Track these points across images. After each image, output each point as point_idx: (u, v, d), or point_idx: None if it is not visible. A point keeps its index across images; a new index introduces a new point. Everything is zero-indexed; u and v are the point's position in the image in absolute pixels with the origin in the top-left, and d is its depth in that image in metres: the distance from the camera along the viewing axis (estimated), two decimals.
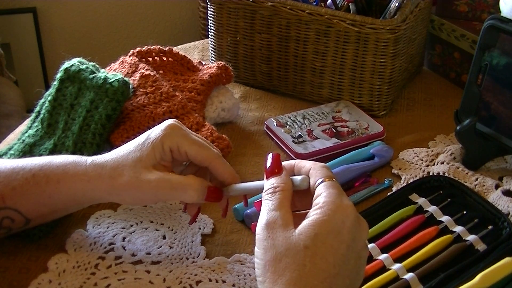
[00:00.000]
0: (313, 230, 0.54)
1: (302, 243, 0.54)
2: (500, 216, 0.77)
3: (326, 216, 0.55)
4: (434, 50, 1.14)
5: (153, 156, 0.68)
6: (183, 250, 0.74)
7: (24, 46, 2.30)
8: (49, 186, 0.69)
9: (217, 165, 0.69)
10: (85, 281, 0.70)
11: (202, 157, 0.69)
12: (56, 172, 0.69)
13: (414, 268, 0.72)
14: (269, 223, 0.56)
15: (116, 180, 0.68)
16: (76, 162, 0.70)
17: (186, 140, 0.68)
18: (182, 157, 0.69)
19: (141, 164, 0.67)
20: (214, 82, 0.97)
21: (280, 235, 0.55)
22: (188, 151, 0.68)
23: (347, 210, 0.56)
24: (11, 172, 0.69)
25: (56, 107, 0.87)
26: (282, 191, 0.59)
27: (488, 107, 0.88)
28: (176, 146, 0.68)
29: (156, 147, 0.68)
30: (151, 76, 0.93)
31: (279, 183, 0.59)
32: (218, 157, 0.69)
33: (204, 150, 0.69)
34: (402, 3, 0.99)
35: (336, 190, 0.57)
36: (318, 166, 0.60)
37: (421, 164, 0.91)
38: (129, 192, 0.68)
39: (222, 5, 1.06)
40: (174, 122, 0.70)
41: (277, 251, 0.54)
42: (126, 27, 2.43)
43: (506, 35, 0.83)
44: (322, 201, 0.56)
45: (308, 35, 1.01)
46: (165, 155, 0.68)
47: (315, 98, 1.06)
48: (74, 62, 0.89)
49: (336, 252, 0.54)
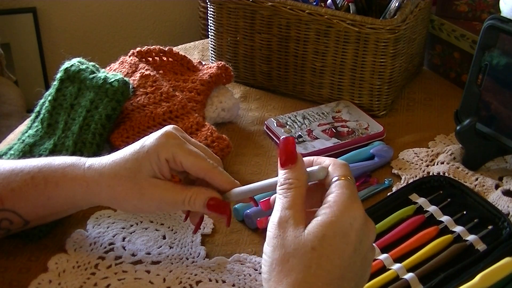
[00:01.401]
0: (321, 231, 0.54)
1: (310, 244, 0.53)
2: (500, 216, 0.77)
3: (335, 217, 0.54)
4: (434, 50, 1.14)
5: (150, 168, 0.67)
6: (183, 250, 0.74)
7: (24, 46, 2.30)
8: (48, 188, 0.68)
9: (214, 175, 0.68)
10: (85, 281, 0.70)
11: (197, 168, 0.67)
12: (55, 174, 0.69)
13: (414, 268, 0.72)
14: (281, 221, 0.56)
15: (115, 190, 0.67)
16: (74, 165, 0.69)
17: (182, 151, 0.67)
18: (178, 167, 0.68)
19: (140, 176, 0.67)
20: (214, 82, 0.97)
21: (290, 234, 0.55)
22: (184, 162, 0.67)
23: (356, 212, 0.55)
24: (9, 173, 0.69)
25: (56, 107, 0.87)
26: (297, 188, 0.57)
27: (488, 107, 0.88)
28: (171, 156, 0.67)
29: (151, 158, 0.67)
30: (151, 76, 0.93)
31: (294, 178, 0.58)
32: (213, 167, 0.68)
33: (200, 162, 0.67)
34: (402, 3, 0.99)
35: (348, 190, 0.56)
36: (338, 163, 0.59)
37: (421, 164, 0.91)
38: (129, 202, 0.68)
39: (222, 5, 1.06)
40: (171, 130, 0.69)
41: (285, 251, 0.54)
42: (126, 27, 2.43)
43: (506, 35, 0.83)
44: (332, 200, 0.56)
45: (308, 35, 1.01)
46: (162, 166, 0.67)
47: (315, 98, 1.06)
48: (74, 62, 0.89)
49: (342, 254, 0.54)
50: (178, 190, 0.68)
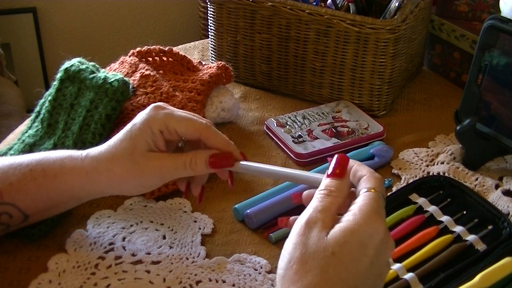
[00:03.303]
0: (343, 237, 0.54)
1: (331, 249, 0.53)
2: (500, 216, 0.77)
3: (357, 225, 0.54)
4: (434, 50, 1.14)
5: (145, 143, 0.68)
6: (183, 250, 0.74)
7: (24, 46, 2.30)
8: (47, 180, 0.69)
9: (209, 134, 0.68)
10: (85, 281, 0.70)
11: (192, 129, 0.68)
12: (53, 166, 0.69)
13: (414, 268, 0.72)
14: (309, 221, 0.55)
15: (114, 172, 0.68)
16: (72, 156, 0.70)
17: (173, 118, 0.68)
18: (173, 136, 0.69)
19: (136, 153, 0.67)
20: (214, 82, 0.97)
21: (314, 235, 0.54)
22: (177, 128, 0.68)
23: (378, 226, 0.55)
24: (8, 168, 0.69)
25: (56, 107, 0.87)
26: (335, 197, 0.57)
27: (488, 107, 0.88)
28: (164, 126, 0.67)
29: (145, 132, 0.67)
30: (151, 76, 0.93)
31: (336, 189, 0.58)
32: (208, 126, 0.68)
33: (193, 122, 0.68)
34: (402, 3, 0.99)
35: (375, 203, 0.56)
36: (374, 175, 0.59)
37: (421, 164, 0.91)
38: (131, 182, 0.68)
39: (222, 5, 1.06)
40: (157, 103, 0.70)
41: (306, 251, 0.54)
42: (126, 27, 2.43)
43: (506, 35, 0.83)
44: (357, 209, 0.56)
45: (308, 35, 1.01)
46: (156, 139, 0.68)
47: (315, 98, 1.06)
48: (74, 62, 0.89)
49: (358, 264, 0.54)
50: (177, 155, 0.68)
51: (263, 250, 0.76)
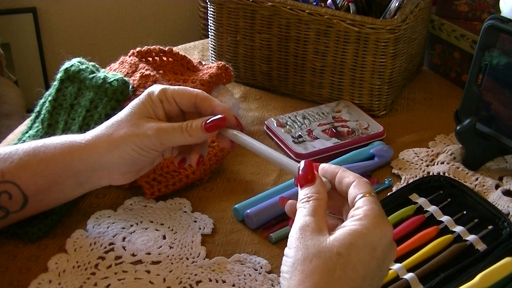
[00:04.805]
0: (350, 240, 0.55)
1: (336, 249, 0.54)
2: (500, 216, 0.77)
3: (366, 230, 0.55)
4: (434, 50, 1.14)
5: (145, 110, 0.71)
6: (183, 250, 0.74)
7: (24, 46, 2.30)
8: (47, 154, 0.71)
9: (204, 97, 0.72)
10: (85, 281, 0.70)
11: (189, 95, 0.72)
12: (55, 141, 0.72)
13: (414, 268, 0.72)
14: (303, 226, 0.57)
15: (113, 134, 0.71)
16: (75, 135, 0.74)
17: (170, 88, 0.72)
18: (172, 106, 0.72)
19: (136, 117, 0.71)
20: (214, 82, 0.97)
21: (313, 237, 0.55)
22: (175, 96, 0.72)
23: (387, 230, 0.56)
24: (13, 150, 0.72)
25: (56, 107, 0.87)
26: (316, 200, 0.59)
27: (488, 107, 0.88)
28: (163, 95, 0.71)
29: (146, 101, 0.71)
30: (151, 76, 0.93)
31: (312, 193, 0.60)
32: (203, 93, 0.72)
33: (190, 90, 0.72)
34: (402, 3, 0.99)
35: (378, 206, 0.57)
36: (362, 180, 0.60)
37: (421, 164, 0.91)
38: (129, 143, 0.70)
39: (222, 5, 1.06)
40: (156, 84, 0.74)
41: (308, 251, 0.55)
42: (126, 27, 2.43)
43: (506, 35, 0.83)
44: (363, 214, 0.56)
45: (308, 35, 1.01)
46: (156, 108, 0.71)
47: (315, 98, 1.06)
48: (74, 62, 0.89)
49: (367, 266, 0.55)
50: (174, 122, 0.72)
51: (263, 250, 0.76)
